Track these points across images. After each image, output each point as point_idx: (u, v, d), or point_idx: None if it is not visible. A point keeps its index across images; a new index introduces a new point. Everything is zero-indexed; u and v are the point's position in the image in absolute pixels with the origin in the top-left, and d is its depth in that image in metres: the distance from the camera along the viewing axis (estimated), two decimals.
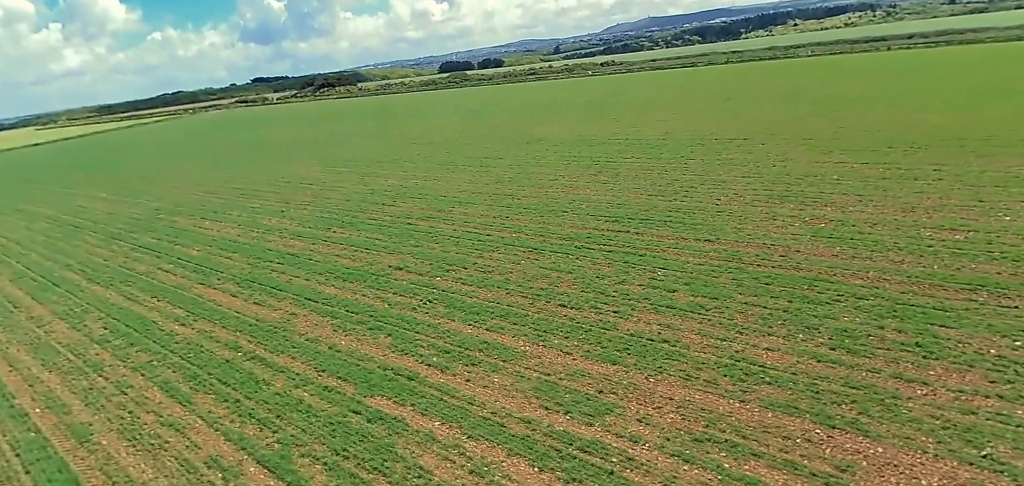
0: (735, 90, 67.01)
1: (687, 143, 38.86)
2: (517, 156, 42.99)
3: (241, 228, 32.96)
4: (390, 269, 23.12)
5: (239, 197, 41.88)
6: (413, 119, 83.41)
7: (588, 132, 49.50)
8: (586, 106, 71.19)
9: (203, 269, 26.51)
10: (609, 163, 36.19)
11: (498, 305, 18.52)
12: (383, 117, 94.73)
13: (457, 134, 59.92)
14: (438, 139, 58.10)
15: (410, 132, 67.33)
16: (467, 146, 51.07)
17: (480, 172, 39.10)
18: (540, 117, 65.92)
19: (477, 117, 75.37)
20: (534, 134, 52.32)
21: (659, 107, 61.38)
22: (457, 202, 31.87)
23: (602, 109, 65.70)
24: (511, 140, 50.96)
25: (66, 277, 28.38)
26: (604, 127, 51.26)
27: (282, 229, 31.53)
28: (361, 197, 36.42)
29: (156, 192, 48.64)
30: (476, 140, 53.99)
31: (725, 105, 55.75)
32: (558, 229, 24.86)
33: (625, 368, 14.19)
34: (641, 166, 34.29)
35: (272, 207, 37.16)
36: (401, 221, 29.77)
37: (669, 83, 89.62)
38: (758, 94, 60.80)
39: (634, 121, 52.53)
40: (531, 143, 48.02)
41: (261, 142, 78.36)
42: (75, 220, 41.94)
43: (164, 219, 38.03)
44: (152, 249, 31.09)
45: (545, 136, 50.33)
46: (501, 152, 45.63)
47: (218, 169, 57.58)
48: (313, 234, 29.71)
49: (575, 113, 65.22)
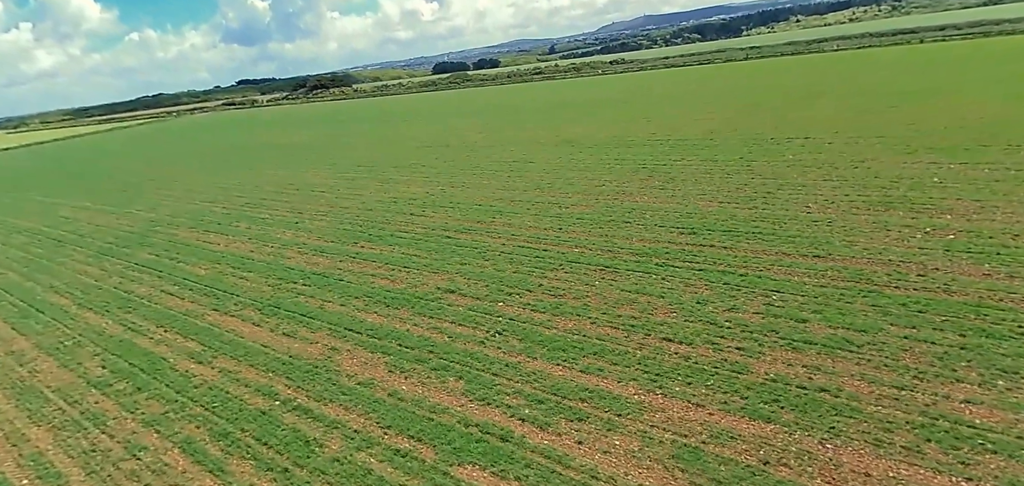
0: (768, 86, 64.77)
1: (739, 143, 36.37)
2: (549, 159, 40.39)
3: (253, 242, 30.14)
4: (439, 291, 20.38)
5: (244, 207, 39.05)
6: (421, 121, 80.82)
7: (622, 132, 46.99)
8: (608, 104, 68.81)
9: (215, 292, 23.68)
10: (659, 166, 33.61)
11: (586, 339, 15.80)
12: (387, 119, 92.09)
13: (475, 136, 57.29)
14: (455, 141, 55.47)
15: (421, 135, 64.68)
16: (490, 149, 48.44)
17: (513, 177, 36.47)
18: (562, 117, 63.45)
19: (492, 118, 72.81)
20: (562, 135, 49.79)
21: (688, 105, 59.01)
22: (496, 212, 29.20)
23: (627, 107, 63.32)
24: (538, 142, 48.39)
25: (52, 302, 25.48)
26: (637, 127, 48.78)
27: (300, 244, 28.75)
28: (384, 206, 33.69)
29: (148, 201, 45.72)
30: (499, 142, 51.37)
31: (764, 101, 53.38)
32: (625, 243, 22.20)
33: (785, 427, 11.49)
34: (696, 169, 31.75)
35: (284, 218, 34.36)
36: (437, 234, 27.06)
37: (689, 80, 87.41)
38: (797, 90, 58.51)
39: (669, 120, 50.06)
40: (561, 145, 45.48)
41: (258, 146, 75.52)
42: (58, 233, 38.99)
43: (161, 232, 35.15)
44: (152, 267, 28.22)
45: (575, 137, 47.79)
46: (530, 155, 43.03)
47: (215, 175, 54.69)
48: (338, 250, 26.95)
49: (600, 112, 62.75)
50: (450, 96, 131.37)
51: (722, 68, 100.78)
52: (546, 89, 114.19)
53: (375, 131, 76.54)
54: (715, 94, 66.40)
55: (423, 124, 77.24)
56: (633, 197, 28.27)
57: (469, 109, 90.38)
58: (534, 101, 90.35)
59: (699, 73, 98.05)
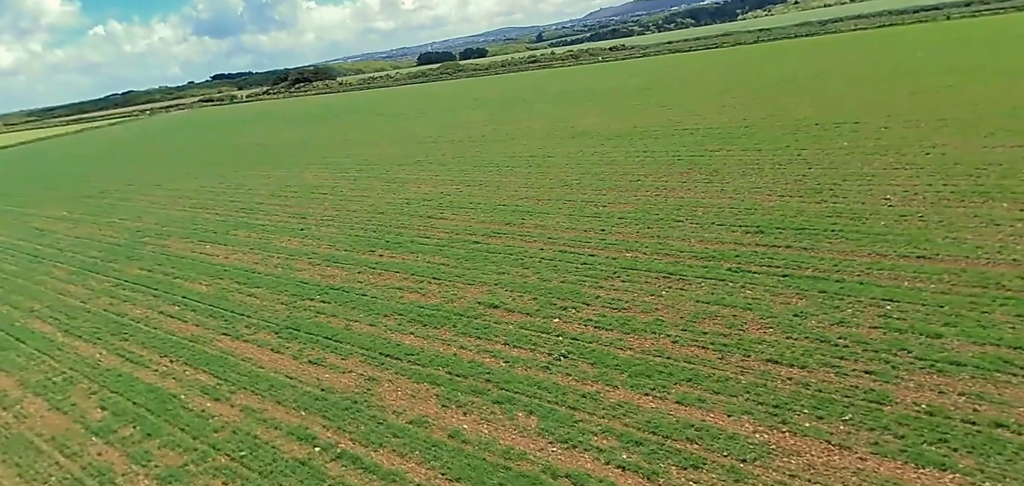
0: (791, 70, 63.33)
1: (780, 131, 34.73)
2: (570, 153, 38.58)
3: (256, 253, 28.08)
4: (481, 307, 18.49)
5: (239, 212, 36.91)
6: (419, 115, 78.71)
7: (641, 122, 45.27)
8: (618, 93, 67.13)
9: (222, 312, 21.63)
10: (696, 158, 31.88)
11: (671, 361, 13.98)
12: (381, 114, 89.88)
13: (482, 130, 55.33)
14: (460, 136, 53.51)
15: (422, 129, 62.63)
16: (501, 143, 46.54)
17: (534, 173, 34.62)
18: (571, 107, 61.67)
19: (495, 110, 70.84)
20: (577, 126, 48.00)
21: (705, 91, 57.42)
22: (526, 212, 27.33)
23: (639, 96, 61.65)
24: (552, 134, 46.55)
25: (34, 329, 23.32)
26: (657, 116, 47.09)
27: (310, 253, 26.73)
28: (395, 209, 31.72)
29: (132, 209, 43.41)
30: (507, 136, 49.48)
31: (792, 86, 51.84)
32: (684, 245, 20.41)
33: (969, 477, 9.70)
34: (739, 160, 30.04)
35: (287, 224, 32.29)
36: (463, 239, 25.15)
37: (698, 65, 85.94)
38: (828, 72, 57.10)
39: (690, 108, 48.39)
40: (578, 137, 43.69)
41: (245, 145, 73.10)
42: (33, 247, 36.66)
43: (150, 243, 32.97)
44: (145, 285, 26.10)
45: (592, 129, 46.01)
46: (547, 149, 41.19)
47: (203, 177, 52.36)
48: (353, 259, 24.97)
49: (611, 101, 61.03)
50: (443, 87, 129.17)
51: (730, 52, 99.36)
52: (546, 78, 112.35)
53: (371, 126, 74.37)
54: (731, 79, 64.86)
55: (421, 118, 75.17)
56: (676, 193, 26.50)
57: (468, 101, 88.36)
58: (536, 91, 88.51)
59: (706, 58, 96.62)
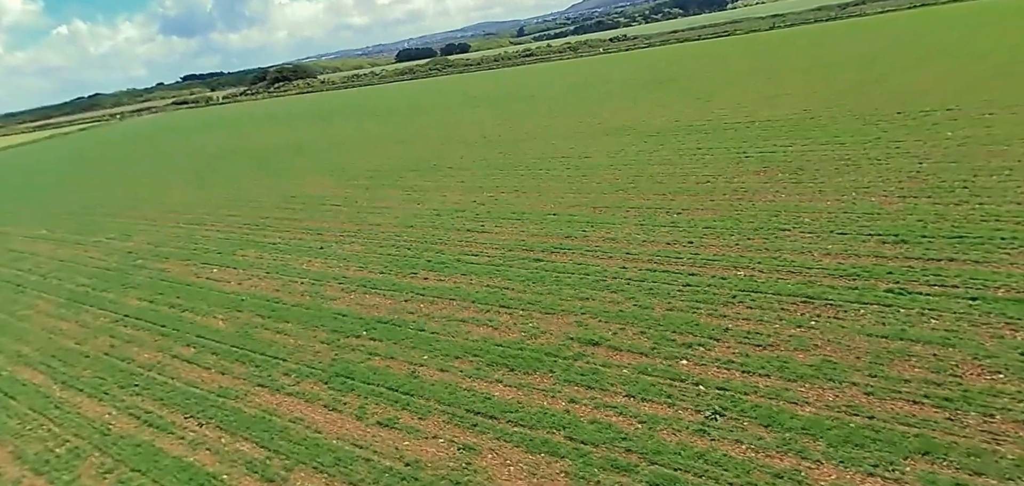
0: (828, 55, 61.24)
1: (856, 121, 32.50)
2: (610, 152, 36.07)
3: (274, 278, 25.26)
4: (575, 343, 15.85)
5: (244, 229, 34.00)
6: (417, 115, 75.87)
7: (682, 116, 42.86)
8: (640, 86, 64.79)
9: (249, 355, 18.83)
10: (767, 155, 29.45)
11: (882, 424, 11.35)
12: (375, 114, 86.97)
13: (495, 129, 52.68)
14: (472, 136, 50.83)
15: (426, 130, 59.85)
16: (524, 143, 43.93)
17: (576, 177, 32.06)
18: (591, 102, 59.20)
19: (502, 107, 68.18)
20: (608, 123, 45.49)
21: (741, 81, 55.15)
22: (585, 223, 24.72)
23: (667, 88, 59.31)
24: (580, 132, 44.03)
25: (24, 380, 20.38)
26: (696, 109, 44.71)
27: (338, 277, 23.96)
28: (426, 221, 29.01)
29: (118, 226, 40.32)
30: (529, 135, 46.87)
31: (840, 72, 49.68)
32: (807, 259, 17.88)
33: None
34: (824, 155, 27.66)
35: (301, 242, 29.47)
36: (520, 256, 22.50)
37: (716, 55, 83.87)
38: (874, 56, 54.97)
39: (732, 100, 46.03)
40: (613, 134, 41.17)
41: (231, 151, 69.95)
42: (13, 273, 33.55)
43: (147, 267, 30.02)
44: (149, 321, 23.20)
45: (625, 125, 43.56)
46: (581, 148, 38.65)
47: (192, 188, 49.28)
48: (394, 284, 22.24)
49: (637, 94, 58.64)
50: (434, 84, 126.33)
51: (745, 40, 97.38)
52: (547, 72, 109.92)
53: (367, 128, 71.46)
54: (764, 67, 62.68)
55: (421, 117, 72.42)
56: (763, 196, 23.99)
57: (467, 98, 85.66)
58: (541, 86, 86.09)
59: (719, 47, 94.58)
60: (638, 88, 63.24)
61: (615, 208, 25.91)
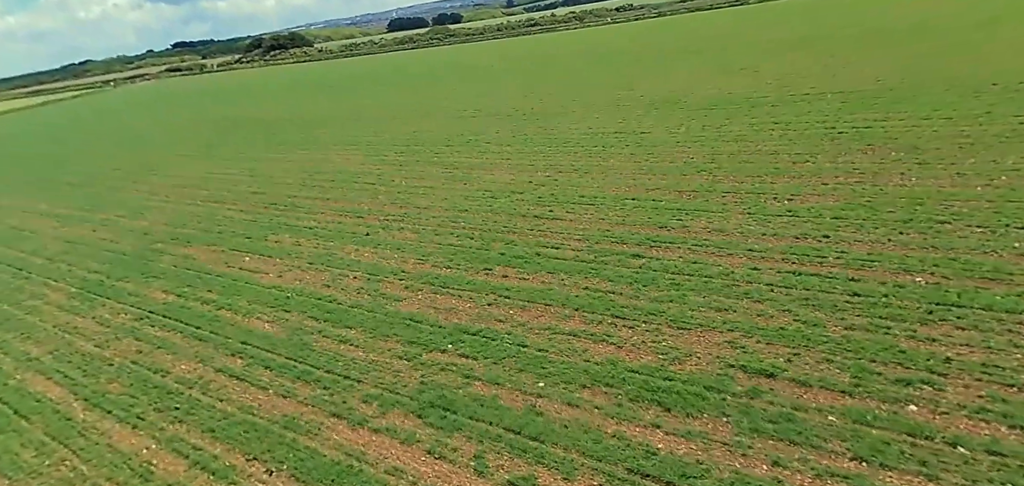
0: (882, 24, 57.58)
1: (943, 92, 29.01)
2: (669, 127, 32.66)
3: (319, 269, 21.69)
4: (741, 373, 12.49)
5: (271, 208, 30.29)
6: (432, 84, 71.63)
7: (735, 87, 39.30)
8: (666, 55, 60.95)
9: (312, 371, 15.35)
10: (860, 129, 26.09)
11: None
12: (385, 83, 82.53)
13: (525, 101, 48.84)
14: (504, 108, 47.01)
15: (447, 101, 55.85)
16: (564, 116, 40.30)
17: (640, 155, 28.61)
18: (620, 72, 55.35)
19: (523, 78, 64.12)
20: (654, 95, 41.86)
21: (782, 51, 51.51)
22: (678, 210, 21.27)
23: (700, 57, 55.57)
24: (626, 105, 40.44)
25: (39, 393, 16.83)
26: (746, 80, 41.15)
27: (397, 272, 20.41)
28: (482, 205, 25.46)
29: (128, 201, 36.44)
30: (564, 108, 43.16)
31: (887, 38, 46.09)
32: (1005, 263, 14.49)
33: None
34: (930, 132, 24.21)
35: (341, 226, 25.85)
36: (613, 250, 19.06)
37: (736, 24, 79.96)
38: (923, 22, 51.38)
39: (783, 70, 42.45)
40: (663, 107, 37.66)
41: (238, 120, 65.63)
42: (15, 255, 29.75)
43: (166, 252, 26.34)
44: (180, 320, 19.62)
45: (671, 96, 40.04)
46: (632, 123, 35.14)
47: (202, 160, 45.27)
48: (467, 282, 18.75)
49: (669, 64, 54.84)
50: (440, 54, 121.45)
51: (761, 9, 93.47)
52: (558, 42, 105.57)
53: (381, 97, 67.25)
54: (809, 36, 58.95)
55: (437, 87, 68.26)
56: (885, 179, 20.60)
57: (484, 69, 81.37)
58: (558, 56, 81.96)
59: (737, 16, 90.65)
60: (667, 58, 59.41)
61: (705, 192, 22.44)
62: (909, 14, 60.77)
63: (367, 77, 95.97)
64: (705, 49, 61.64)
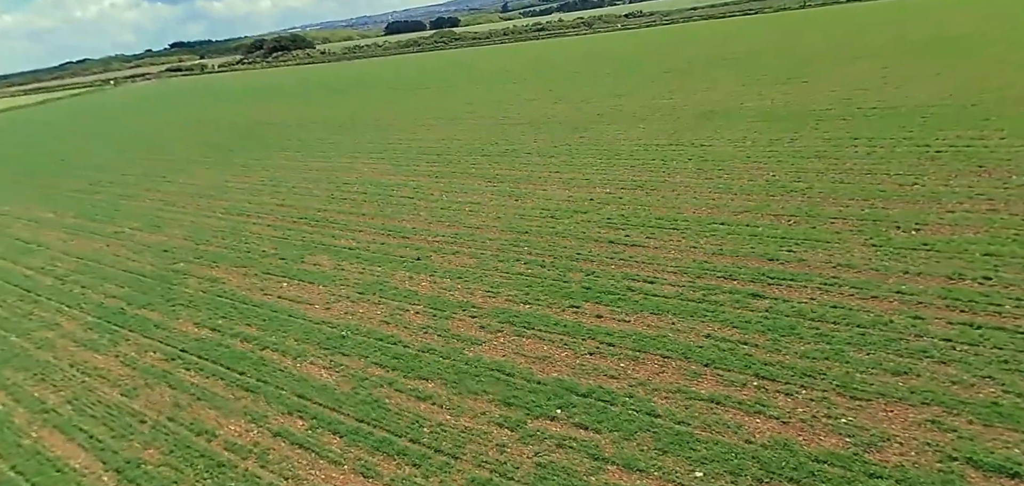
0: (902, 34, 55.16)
1: None
2: (734, 140, 29.99)
3: (372, 301, 18.75)
4: (971, 470, 9.59)
5: (302, 223, 27.32)
6: (452, 91, 68.61)
7: (791, 100, 36.62)
8: (704, 63, 58.29)
9: (396, 443, 12.45)
10: (960, 149, 23.44)
11: None
12: (398, 87, 79.46)
13: (557, 109, 46.04)
14: (536, 115, 44.20)
15: (470, 107, 52.95)
16: (604, 126, 37.57)
17: (714, 172, 25.89)
18: (653, 80, 52.65)
19: (551, 84, 61.24)
20: (701, 105, 39.21)
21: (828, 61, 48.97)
22: (782, 238, 18.49)
23: (738, 67, 52.95)
24: (670, 115, 37.76)
25: (57, 458, 13.83)
26: (801, 91, 38.57)
27: (465, 305, 17.50)
28: (541, 226, 22.61)
29: (141, 211, 33.34)
30: (607, 116, 40.38)
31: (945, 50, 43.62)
32: None
33: None
34: None
35: (386, 248, 22.91)
36: (722, 287, 16.27)
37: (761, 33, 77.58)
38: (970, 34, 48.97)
39: (837, 80, 39.84)
40: (716, 119, 34.96)
41: (250, 124, 62.44)
42: (22, 273, 26.64)
43: (190, 274, 23.31)
44: (217, 361, 16.64)
45: (725, 107, 37.32)
46: (688, 134, 32.30)
47: (217, 167, 42.17)
48: (554, 323, 15.88)
49: (704, 72, 52.17)
50: (448, 58, 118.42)
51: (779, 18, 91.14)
52: (572, 47, 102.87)
53: (397, 102, 64.22)
54: (832, 45, 56.43)
55: (455, 93, 65.30)
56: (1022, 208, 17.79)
57: (500, 73, 78.45)
58: (577, 61, 79.26)
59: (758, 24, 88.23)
60: (700, 66, 56.66)
61: (806, 217, 19.65)
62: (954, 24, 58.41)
63: (377, 80, 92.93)
64: (737, 56, 59.03)
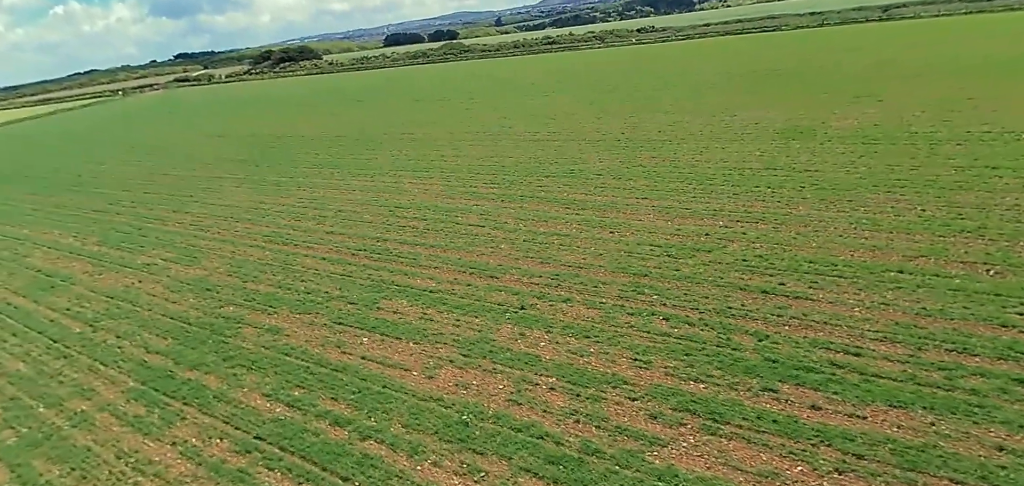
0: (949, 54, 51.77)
1: None
2: (840, 164, 26.04)
3: (480, 367, 14.76)
4: None
5: (362, 257, 23.26)
6: (482, 104, 64.48)
7: (857, 117, 32.84)
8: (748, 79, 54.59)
9: None
10: None
11: None
12: (419, 99, 75.30)
13: (611, 125, 42.15)
14: (588, 132, 40.33)
15: (517, 122, 48.88)
16: (672, 143, 33.71)
17: (833, 199, 22.19)
18: (700, 96, 48.84)
19: (589, 99, 57.30)
20: (776, 124, 35.28)
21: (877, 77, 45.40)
22: (989, 296, 14.49)
23: (790, 82, 49.32)
24: (742, 135, 34.10)
25: None
26: (870, 110, 34.79)
27: (611, 381, 13.52)
28: (665, 268, 18.74)
29: (174, 239, 29.16)
30: (675, 135, 36.49)
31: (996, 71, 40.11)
32: None
33: None
34: None
35: (469, 290, 18.92)
36: (971, 367, 12.30)
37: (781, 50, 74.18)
38: None
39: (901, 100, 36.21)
40: (800, 139, 31.11)
41: (275, 137, 58.16)
42: (46, 317, 22.39)
43: (245, 322, 19.19)
44: (304, 455, 12.60)
45: (803, 126, 33.41)
46: (780, 157, 28.37)
47: (247, 186, 37.96)
48: (750, 413, 12.01)
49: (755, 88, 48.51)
50: (464, 70, 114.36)
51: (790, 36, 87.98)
52: (589, 61, 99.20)
53: (423, 114, 60.06)
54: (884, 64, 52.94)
55: (481, 104, 61.27)
56: None
57: (530, 86, 74.49)
58: (600, 74, 75.48)
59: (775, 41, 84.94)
60: (748, 82, 52.82)
61: (1004, 264, 15.68)
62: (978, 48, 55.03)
63: (393, 91, 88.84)
64: (783, 71, 55.35)
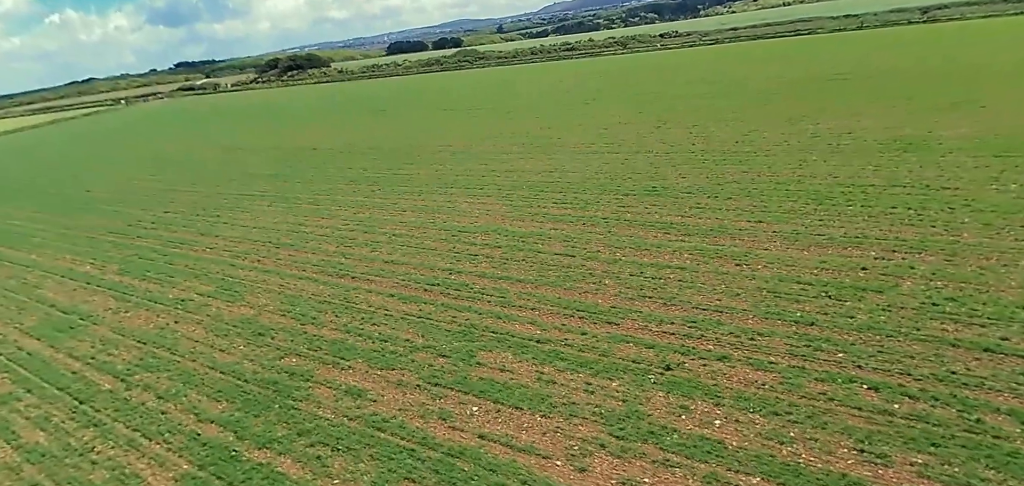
0: None
1: None
2: (981, 181, 22.56)
3: (655, 457, 11.41)
4: None
5: (434, 294, 19.93)
6: (524, 114, 61.09)
7: (953, 126, 29.47)
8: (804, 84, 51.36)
9: None
10: None
11: None
12: (446, 108, 72.05)
13: (678, 135, 38.83)
14: (651, 144, 37.02)
15: (565, 133, 45.58)
16: (758, 156, 30.38)
17: (1003, 228, 18.46)
18: (767, 103, 45.57)
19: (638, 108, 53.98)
20: (870, 135, 31.96)
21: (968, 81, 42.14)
22: None
23: (858, 87, 46.01)
24: (832, 148, 30.71)
25: None
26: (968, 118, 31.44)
27: None
28: (828, 314, 15.40)
29: (208, 269, 25.81)
30: (757, 146, 33.13)
31: None
32: None
33: None
34: None
35: (584, 341, 15.53)
36: None
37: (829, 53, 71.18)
38: None
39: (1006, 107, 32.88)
40: (906, 152, 27.76)
41: (297, 150, 54.85)
42: (68, 369, 19.03)
43: (313, 377, 15.80)
44: None
45: (906, 138, 30.09)
46: (900, 172, 25.05)
47: (281, 206, 34.63)
48: None
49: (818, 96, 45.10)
50: (484, 78, 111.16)
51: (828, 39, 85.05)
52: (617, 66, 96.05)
53: (466, 127, 56.65)
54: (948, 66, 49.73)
55: (528, 116, 57.85)
56: None
57: (566, 94, 71.22)
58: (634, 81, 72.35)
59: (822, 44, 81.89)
60: (808, 88, 49.46)
61: None
62: None
63: (414, 101, 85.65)
64: (849, 76, 51.98)
